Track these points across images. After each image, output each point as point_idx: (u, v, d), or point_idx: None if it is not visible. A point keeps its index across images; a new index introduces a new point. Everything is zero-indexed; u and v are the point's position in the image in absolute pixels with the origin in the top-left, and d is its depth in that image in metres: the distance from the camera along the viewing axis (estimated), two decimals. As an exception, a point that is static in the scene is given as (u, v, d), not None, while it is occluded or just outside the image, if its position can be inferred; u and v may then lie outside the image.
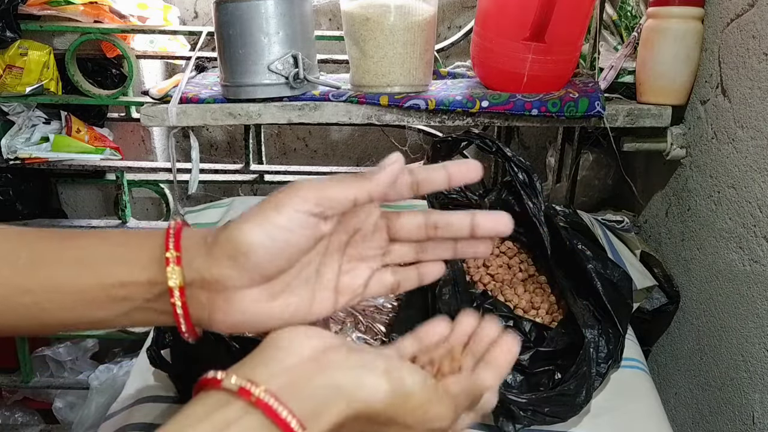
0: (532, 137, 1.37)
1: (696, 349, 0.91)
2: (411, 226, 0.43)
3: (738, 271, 0.80)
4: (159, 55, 1.21)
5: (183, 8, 1.30)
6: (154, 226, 1.26)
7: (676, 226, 0.98)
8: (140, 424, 0.65)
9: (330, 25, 1.31)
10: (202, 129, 1.42)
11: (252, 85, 0.93)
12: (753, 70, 0.77)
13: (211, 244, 0.37)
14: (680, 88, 0.92)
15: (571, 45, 0.91)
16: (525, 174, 0.73)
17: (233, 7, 0.89)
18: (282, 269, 0.38)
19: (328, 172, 1.29)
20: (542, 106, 0.89)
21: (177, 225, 0.38)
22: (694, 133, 0.93)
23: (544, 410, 0.61)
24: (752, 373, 0.76)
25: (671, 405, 0.99)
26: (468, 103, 0.90)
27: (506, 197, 0.80)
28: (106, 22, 1.12)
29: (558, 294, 0.75)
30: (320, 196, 0.37)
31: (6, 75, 1.11)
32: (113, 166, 1.22)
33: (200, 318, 0.38)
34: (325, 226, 0.38)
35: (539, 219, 0.71)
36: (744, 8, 0.79)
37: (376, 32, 0.90)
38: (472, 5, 1.27)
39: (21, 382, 1.35)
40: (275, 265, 0.37)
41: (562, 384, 0.62)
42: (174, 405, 0.68)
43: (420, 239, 0.44)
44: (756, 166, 0.76)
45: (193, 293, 0.37)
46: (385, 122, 0.95)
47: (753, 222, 0.77)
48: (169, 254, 0.37)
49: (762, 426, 0.74)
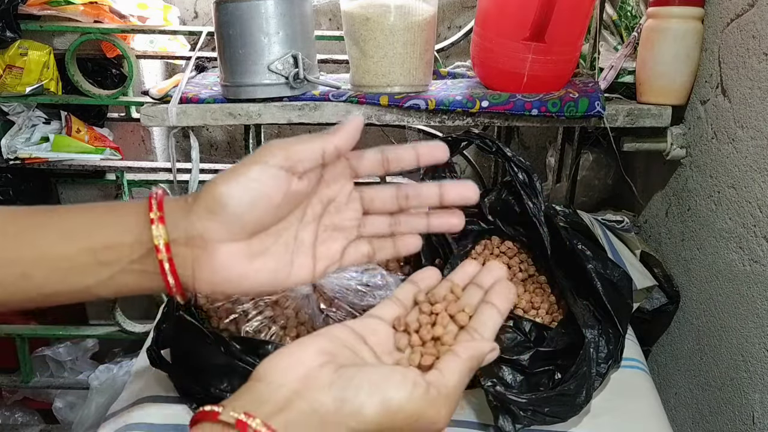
0: (532, 137, 1.37)
1: (696, 349, 0.91)
2: (384, 196, 0.45)
3: (738, 271, 0.80)
4: (159, 55, 1.21)
5: (183, 8, 1.30)
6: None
7: (676, 226, 0.98)
8: (140, 424, 0.65)
9: (330, 25, 1.31)
10: (202, 129, 1.42)
11: (252, 85, 0.93)
12: (753, 70, 0.77)
13: (191, 203, 0.40)
14: (680, 88, 0.92)
15: (571, 45, 0.91)
16: (525, 174, 0.73)
17: (233, 7, 0.89)
18: (259, 223, 0.40)
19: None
20: (542, 106, 0.89)
21: (159, 191, 0.41)
22: (694, 133, 0.93)
23: (544, 410, 0.61)
24: (752, 373, 0.76)
25: (671, 405, 0.99)
26: (468, 103, 0.90)
27: (506, 197, 0.80)
28: (106, 22, 1.12)
29: (558, 294, 0.75)
30: (288, 150, 0.40)
31: (6, 75, 1.11)
32: (113, 166, 1.22)
33: (185, 276, 0.40)
34: (298, 183, 0.41)
35: (539, 219, 0.71)
36: (744, 8, 0.79)
37: (376, 32, 0.90)
38: (472, 5, 1.27)
39: (21, 382, 1.35)
40: (252, 217, 0.40)
41: (562, 384, 0.62)
42: (174, 405, 0.68)
43: (393, 211, 0.46)
44: (756, 166, 0.76)
45: (177, 251, 0.39)
46: (385, 122, 0.95)
47: (753, 222, 0.77)
48: (153, 215, 0.39)
49: (762, 426, 0.74)
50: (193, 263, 0.40)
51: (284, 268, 0.42)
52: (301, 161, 0.40)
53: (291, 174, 0.40)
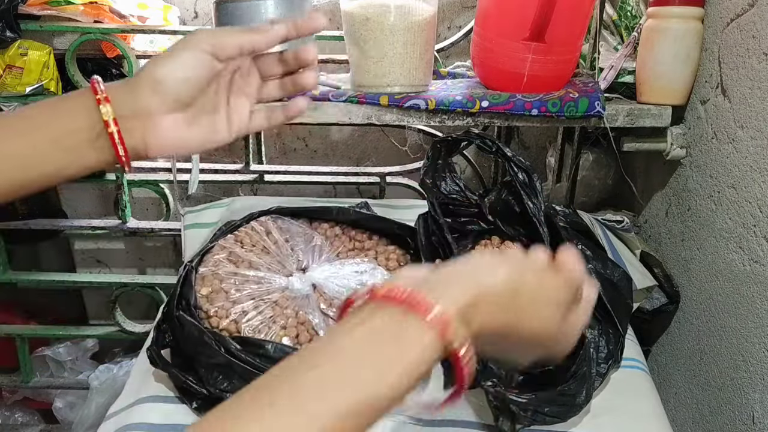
0: (532, 137, 1.37)
1: (696, 349, 0.91)
2: (270, 60, 0.56)
3: (738, 271, 0.80)
4: (159, 55, 1.21)
5: (183, 8, 1.30)
6: (154, 225, 1.26)
7: (676, 226, 0.98)
8: (140, 424, 0.65)
9: (330, 25, 1.31)
10: (202, 129, 1.42)
11: (252, 85, 0.93)
12: (753, 70, 0.77)
13: (133, 84, 0.49)
14: (680, 88, 0.92)
15: (571, 45, 0.91)
16: (525, 174, 0.73)
17: (233, 7, 0.89)
18: (190, 96, 0.50)
19: (329, 172, 1.29)
20: (542, 106, 0.89)
21: (98, 77, 0.49)
22: (694, 133, 0.93)
23: (544, 410, 0.61)
24: (752, 373, 0.76)
25: (671, 405, 0.99)
26: (468, 103, 0.90)
27: (506, 197, 0.80)
28: (106, 22, 1.12)
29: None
30: (214, 40, 0.50)
31: (6, 75, 1.11)
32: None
33: (136, 146, 0.49)
34: (219, 64, 0.51)
35: (539, 219, 0.71)
36: (744, 8, 0.79)
37: (376, 32, 0.90)
38: (472, 5, 1.27)
39: (21, 382, 1.35)
40: (185, 90, 0.50)
41: (562, 384, 0.62)
42: (174, 405, 0.68)
43: (280, 74, 0.56)
44: (756, 166, 0.76)
45: (126, 125, 0.48)
46: (385, 122, 0.95)
47: (753, 222, 0.77)
48: (98, 96, 0.47)
49: (762, 426, 0.74)
50: (143, 133, 0.49)
51: (210, 131, 0.53)
52: (223, 49, 0.50)
53: (214, 58, 0.50)
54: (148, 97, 0.48)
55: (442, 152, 0.80)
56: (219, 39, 0.50)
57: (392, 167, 1.30)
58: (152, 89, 0.48)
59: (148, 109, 0.48)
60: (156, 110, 0.49)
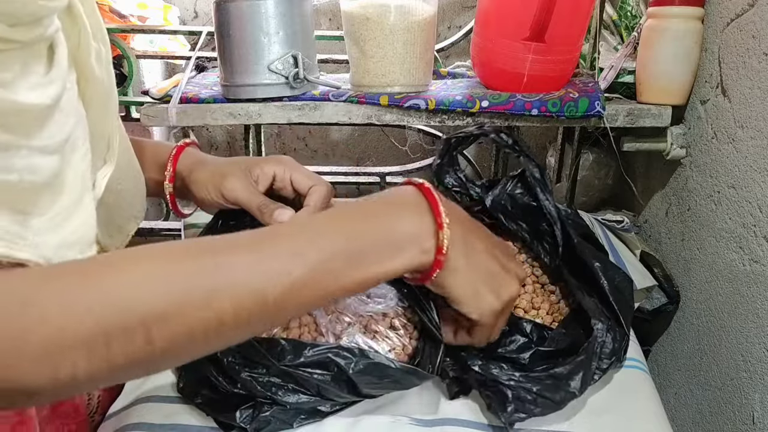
0: (532, 137, 1.37)
1: (696, 349, 0.91)
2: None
3: (738, 271, 0.80)
4: (159, 55, 1.21)
5: (183, 8, 1.30)
6: (154, 226, 1.27)
7: (676, 226, 0.98)
8: (140, 424, 0.65)
9: (330, 25, 1.31)
10: (202, 129, 1.42)
11: (252, 85, 0.93)
12: (753, 70, 0.77)
13: (210, 174, 0.68)
14: (680, 88, 0.92)
15: (571, 45, 0.91)
16: (538, 170, 0.72)
17: (233, 7, 0.89)
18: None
19: (328, 172, 1.29)
20: (542, 106, 0.89)
21: (181, 146, 0.72)
22: (694, 133, 0.93)
23: (533, 390, 0.59)
24: (752, 373, 0.76)
25: (671, 405, 0.99)
26: (468, 103, 0.90)
27: (512, 191, 0.77)
28: (106, 22, 1.11)
29: (560, 293, 0.75)
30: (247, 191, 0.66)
31: (6, 75, 1.11)
32: (113, 166, 1.22)
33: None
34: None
35: (552, 214, 0.71)
36: (744, 8, 0.79)
37: (376, 32, 0.90)
38: (472, 5, 1.27)
39: (21, 382, 1.35)
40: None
41: (556, 367, 0.61)
42: (174, 405, 0.68)
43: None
44: (756, 166, 0.76)
45: (177, 193, 0.71)
46: (385, 122, 0.95)
47: (753, 222, 0.77)
48: (167, 172, 0.70)
49: (762, 426, 0.74)
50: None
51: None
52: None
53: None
54: (203, 194, 0.69)
55: (455, 147, 0.78)
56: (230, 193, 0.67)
57: (392, 167, 1.30)
58: (210, 193, 0.68)
59: (197, 198, 0.70)
60: (199, 199, 0.70)
